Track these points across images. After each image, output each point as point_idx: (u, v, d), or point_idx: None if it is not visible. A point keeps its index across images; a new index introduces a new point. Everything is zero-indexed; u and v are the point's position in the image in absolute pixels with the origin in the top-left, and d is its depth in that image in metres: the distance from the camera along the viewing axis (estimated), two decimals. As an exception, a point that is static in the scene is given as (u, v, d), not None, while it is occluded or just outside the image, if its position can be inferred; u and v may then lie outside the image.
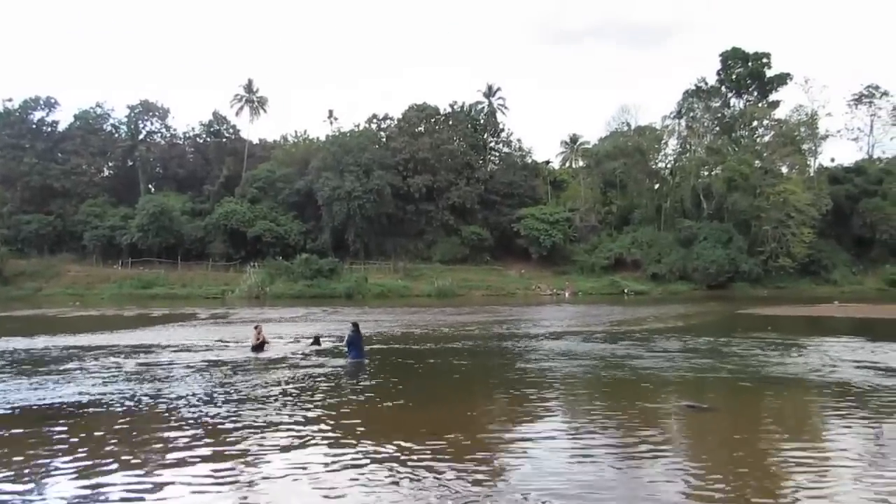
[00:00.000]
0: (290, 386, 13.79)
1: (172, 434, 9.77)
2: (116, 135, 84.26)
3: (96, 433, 9.95)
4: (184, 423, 10.53)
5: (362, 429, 10.09)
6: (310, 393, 13.09)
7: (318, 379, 14.72)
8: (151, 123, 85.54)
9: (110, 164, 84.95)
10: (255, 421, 10.59)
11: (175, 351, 19.77)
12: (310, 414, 11.09)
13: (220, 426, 10.27)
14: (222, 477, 7.76)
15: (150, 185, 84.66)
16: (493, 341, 22.86)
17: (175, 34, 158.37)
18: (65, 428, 10.22)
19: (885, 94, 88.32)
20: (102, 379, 14.55)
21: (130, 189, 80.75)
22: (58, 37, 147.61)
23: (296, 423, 10.45)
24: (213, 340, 22.61)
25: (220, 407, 11.69)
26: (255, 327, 20.34)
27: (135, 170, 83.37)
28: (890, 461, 8.46)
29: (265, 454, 8.70)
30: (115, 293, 59.57)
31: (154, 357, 18.37)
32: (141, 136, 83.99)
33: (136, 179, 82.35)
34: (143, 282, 63.68)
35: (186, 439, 9.43)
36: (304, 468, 8.04)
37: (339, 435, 9.66)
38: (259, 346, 19.37)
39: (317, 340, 21.14)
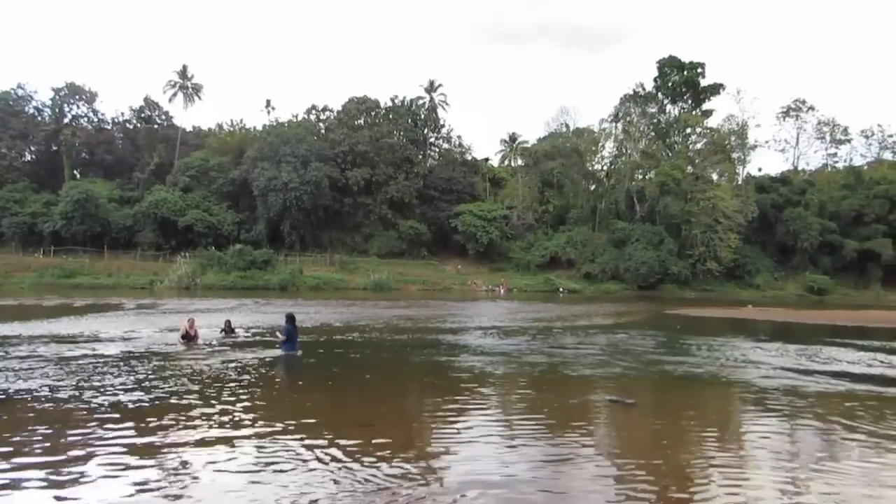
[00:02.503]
0: (220, 378, 13.28)
1: (88, 426, 9.20)
2: (39, 118, 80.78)
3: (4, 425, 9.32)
4: (102, 415, 9.93)
5: (292, 421, 9.77)
6: (239, 385, 12.62)
7: (250, 371, 14.23)
8: (77, 107, 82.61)
9: (32, 148, 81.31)
10: (181, 413, 10.11)
11: (95, 341, 18.83)
12: (239, 406, 10.66)
13: (141, 418, 9.73)
14: (143, 468, 7.35)
15: (75, 171, 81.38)
16: (427, 335, 22.71)
17: (105, 14, 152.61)
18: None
19: (812, 108, 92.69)
20: (12, 371, 13.69)
21: (54, 175, 77.53)
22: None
23: (224, 414, 10.02)
24: (138, 331, 21.67)
25: (142, 398, 11.11)
26: (189, 319, 19.62)
27: (59, 155, 79.93)
28: (800, 452, 8.71)
29: (189, 446, 8.27)
30: (35, 282, 56.81)
31: (73, 348, 17.44)
32: (66, 120, 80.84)
33: (60, 165, 79.03)
34: (66, 271, 60.90)
35: (103, 432, 8.88)
36: (230, 461, 7.66)
37: (268, 428, 9.29)
38: (190, 338, 18.68)
39: (228, 325, 20.65)
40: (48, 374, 12.92)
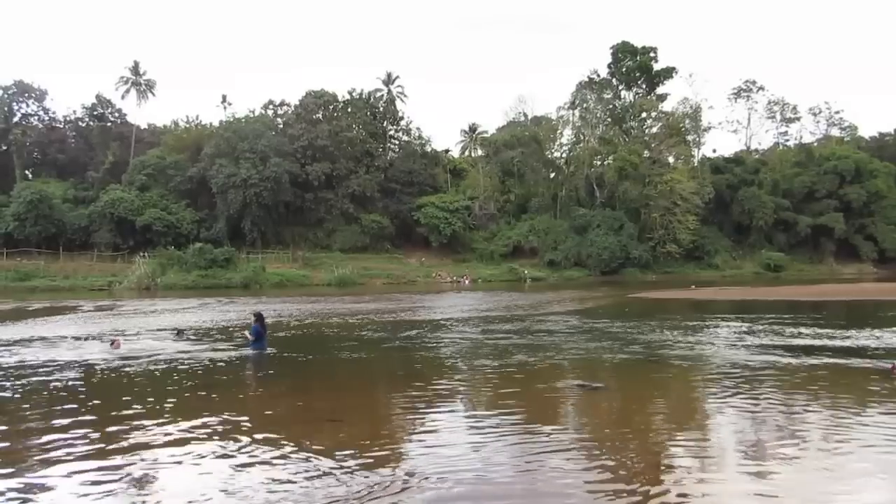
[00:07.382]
0: (189, 378, 13.22)
1: (55, 429, 9.15)
2: (-14, 117, 78.45)
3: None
4: (71, 418, 9.87)
5: (263, 419, 9.87)
6: (211, 383, 12.64)
7: (221, 369, 14.24)
8: (27, 105, 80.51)
9: (-20, 148, 78.98)
10: (151, 413, 10.11)
11: (57, 344, 18.56)
12: (211, 405, 10.68)
13: (107, 419, 9.72)
14: (111, 470, 7.34)
15: (27, 172, 79.36)
16: (392, 330, 22.81)
17: (51, 9, 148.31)
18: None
19: (762, 88, 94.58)
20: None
21: (4, 175, 75.46)
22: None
23: (195, 414, 10.02)
24: (100, 332, 21.41)
25: (112, 398, 11.09)
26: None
27: (9, 155, 77.76)
28: (764, 429, 9.09)
29: (159, 446, 8.28)
30: (-12, 286, 55.51)
31: (38, 349, 17.18)
32: (15, 119, 78.61)
33: (11, 165, 76.88)
34: (20, 273, 59.48)
35: (71, 435, 8.84)
36: (201, 460, 7.70)
37: (239, 426, 9.32)
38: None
39: (179, 333, 20.60)
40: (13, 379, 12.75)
